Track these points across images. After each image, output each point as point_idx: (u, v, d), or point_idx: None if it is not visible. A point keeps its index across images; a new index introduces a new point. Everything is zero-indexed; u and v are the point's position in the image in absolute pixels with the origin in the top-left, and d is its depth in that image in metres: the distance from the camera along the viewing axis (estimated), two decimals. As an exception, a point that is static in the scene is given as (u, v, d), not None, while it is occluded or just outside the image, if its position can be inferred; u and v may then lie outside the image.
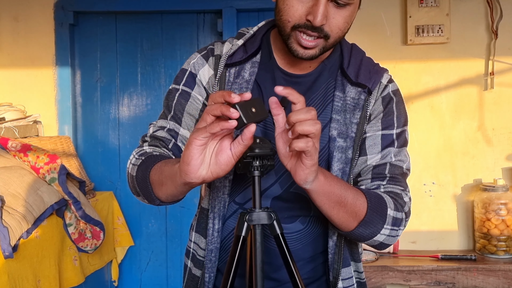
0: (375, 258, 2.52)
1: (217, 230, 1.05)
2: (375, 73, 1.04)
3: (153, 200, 0.99)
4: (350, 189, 0.95)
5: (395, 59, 2.73)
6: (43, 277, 1.95)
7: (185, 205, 2.96)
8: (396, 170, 1.02)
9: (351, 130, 1.01)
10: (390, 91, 1.05)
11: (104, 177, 2.96)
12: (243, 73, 1.04)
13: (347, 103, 1.02)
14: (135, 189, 1.02)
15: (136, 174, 1.00)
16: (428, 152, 2.73)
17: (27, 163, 2.09)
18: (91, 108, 2.97)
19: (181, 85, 1.07)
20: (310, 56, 0.96)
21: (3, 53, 2.87)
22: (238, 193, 1.07)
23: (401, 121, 1.05)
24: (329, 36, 0.94)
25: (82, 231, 2.20)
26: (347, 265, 1.06)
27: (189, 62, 1.09)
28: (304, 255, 1.07)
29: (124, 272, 2.96)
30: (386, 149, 1.02)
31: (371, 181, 1.02)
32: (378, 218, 0.96)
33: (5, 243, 1.67)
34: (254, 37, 1.08)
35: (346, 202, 0.93)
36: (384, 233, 0.97)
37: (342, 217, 0.95)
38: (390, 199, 0.98)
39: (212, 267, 1.06)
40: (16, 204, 1.83)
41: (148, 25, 2.94)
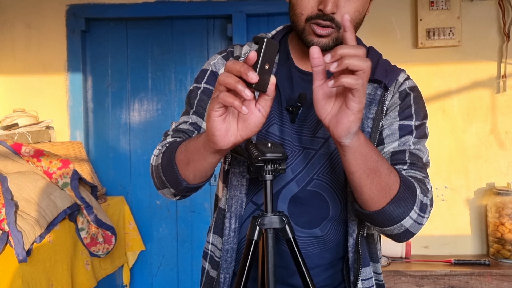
0: (387, 263, 2.50)
1: (233, 230, 1.05)
2: (392, 72, 1.05)
3: (180, 183, 0.96)
4: (385, 160, 0.90)
5: (406, 62, 2.72)
6: (56, 281, 1.96)
7: (195, 209, 2.96)
8: (416, 158, 0.99)
9: (367, 125, 1.01)
10: (406, 87, 1.05)
11: (115, 182, 2.98)
12: None
13: None
14: (160, 179, 1.00)
15: (161, 161, 0.99)
16: (440, 156, 2.71)
17: (40, 168, 2.11)
18: (102, 114, 3.00)
19: (203, 83, 1.10)
20: (324, 44, 0.97)
21: (16, 59, 2.91)
22: (255, 192, 1.07)
23: (421, 115, 1.03)
24: (340, 27, 0.95)
25: (94, 235, 2.21)
26: (366, 265, 1.05)
27: (210, 63, 1.12)
28: (322, 261, 1.06)
29: (135, 276, 2.97)
30: (404, 137, 1.00)
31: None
32: (410, 196, 0.90)
33: (19, 247, 1.69)
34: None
35: (382, 171, 0.88)
36: (412, 217, 0.92)
37: (375, 189, 0.89)
38: (415, 183, 0.94)
39: (227, 267, 1.06)
40: (30, 208, 1.85)
41: (158, 30, 2.96)
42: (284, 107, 1.05)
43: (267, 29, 2.91)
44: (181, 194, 1.02)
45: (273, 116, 1.06)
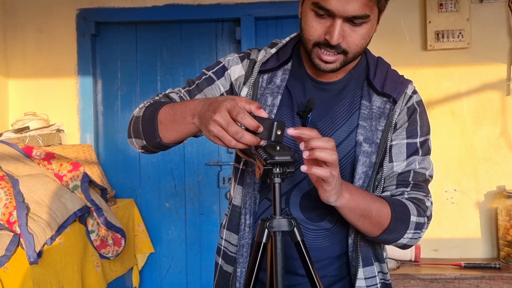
0: (397, 266, 2.49)
1: (248, 226, 1.11)
2: (400, 84, 1.10)
3: (155, 138, 1.03)
4: (375, 202, 1.02)
5: (415, 64, 2.71)
6: (66, 283, 1.97)
7: (204, 212, 2.97)
8: (419, 177, 1.08)
9: (376, 137, 1.07)
10: (414, 102, 1.10)
11: (124, 185, 3.00)
12: (275, 79, 1.12)
13: (373, 111, 1.08)
14: (137, 129, 1.07)
15: (142, 114, 1.06)
16: (449, 158, 2.69)
17: (51, 171, 2.13)
18: (112, 117, 3.02)
19: (210, 72, 1.17)
20: (331, 69, 1.04)
21: (27, 63, 2.94)
22: (269, 189, 1.11)
23: (424, 131, 1.11)
24: (348, 52, 1.01)
25: (104, 237, 2.23)
26: (369, 264, 1.10)
27: (225, 58, 1.19)
28: (331, 253, 1.11)
29: (145, 278, 2.99)
30: (411, 157, 1.08)
31: (395, 188, 1.08)
32: (401, 225, 1.02)
33: (30, 249, 1.70)
34: (286, 46, 1.15)
35: (371, 214, 1.00)
36: (407, 237, 1.04)
37: (367, 227, 1.02)
38: (413, 206, 1.04)
39: (243, 262, 1.11)
40: (41, 211, 1.87)
41: (167, 34, 2.98)
42: (295, 112, 1.10)
43: (275, 32, 2.92)
44: (150, 149, 1.09)
45: (284, 120, 1.10)
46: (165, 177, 3.00)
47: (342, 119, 1.09)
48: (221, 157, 2.97)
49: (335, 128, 1.09)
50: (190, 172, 2.98)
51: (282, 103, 1.10)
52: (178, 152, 2.99)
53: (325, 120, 1.09)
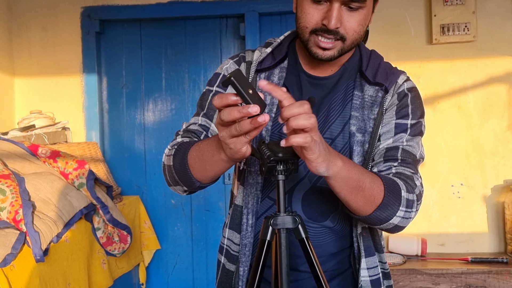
0: (403, 261, 2.48)
1: (250, 225, 1.10)
2: (392, 74, 1.10)
3: (194, 183, 1.02)
4: (368, 174, 0.97)
5: (420, 58, 2.69)
6: (73, 281, 1.99)
7: (210, 208, 2.98)
8: (407, 155, 1.05)
9: (369, 125, 1.07)
10: (405, 88, 1.10)
11: (130, 182, 3.01)
12: (273, 78, 1.12)
13: (365, 101, 1.08)
14: (173, 178, 1.06)
15: (173, 163, 1.04)
16: (455, 152, 2.67)
17: (57, 169, 2.14)
18: (117, 114, 3.03)
19: (215, 87, 1.16)
20: (329, 57, 1.02)
21: (32, 61, 2.95)
22: (271, 188, 1.12)
23: (417, 114, 1.09)
24: (346, 38, 1.01)
25: (110, 235, 2.24)
26: (371, 255, 1.11)
27: (222, 67, 1.17)
28: (332, 250, 1.12)
29: (151, 275, 3.00)
30: (398, 134, 1.07)
31: (383, 163, 1.05)
32: (394, 200, 0.98)
33: (36, 247, 1.71)
34: (281, 45, 1.15)
35: (364, 186, 0.95)
36: (399, 215, 0.99)
37: (361, 202, 0.96)
38: (401, 182, 1.01)
39: (246, 261, 1.11)
40: (47, 209, 1.88)
41: (171, 31, 2.98)
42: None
43: (280, 28, 2.91)
44: (193, 191, 1.08)
45: None
46: (171, 174, 3.00)
47: (336, 112, 1.09)
48: (226, 154, 2.96)
49: (330, 123, 1.09)
50: (195, 168, 2.98)
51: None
52: (183, 149, 2.99)
53: (320, 116, 1.09)
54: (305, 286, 1.12)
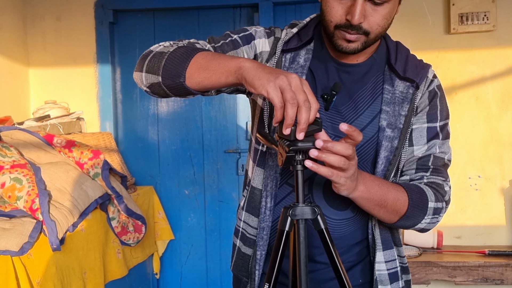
0: (419, 253, 2.45)
1: (269, 209, 1.10)
2: (422, 69, 1.10)
3: (178, 77, 0.96)
4: (391, 191, 1.02)
5: (438, 48, 2.64)
6: (88, 269, 2.00)
7: (223, 199, 2.98)
8: (438, 161, 1.09)
9: (399, 122, 1.07)
10: (435, 86, 1.11)
11: (144, 172, 3.02)
12: (298, 59, 1.10)
13: (396, 96, 1.08)
14: (155, 64, 0.99)
15: (173, 50, 0.99)
16: (473, 144, 2.63)
17: (72, 158, 2.15)
18: (130, 105, 3.03)
19: (236, 36, 1.12)
20: (353, 49, 1.02)
21: (47, 52, 2.96)
22: (291, 174, 1.10)
23: (444, 115, 1.11)
24: (369, 33, 1.00)
25: (125, 224, 2.25)
26: (389, 248, 1.12)
27: (252, 28, 1.14)
28: (350, 241, 1.11)
29: (165, 265, 3.01)
30: (431, 141, 1.09)
31: (415, 172, 1.09)
32: (419, 212, 1.03)
33: (52, 236, 1.72)
34: (307, 27, 1.13)
35: (386, 204, 1.01)
36: (425, 222, 1.06)
37: (383, 215, 1.04)
38: (431, 192, 1.05)
39: (263, 245, 1.11)
40: (63, 198, 1.89)
41: (185, 21, 2.96)
42: (319, 94, 1.08)
43: (294, 18, 2.87)
44: (159, 89, 1.01)
45: None
46: (184, 165, 3.00)
47: (365, 104, 1.08)
48: (240, 145, 2.96)
49: (358, 113, 1.07)
50: (209, 159, 2.98)
51: None
52: (197, 140, 2.99)
53: (348, 104, 1.08)
54: (321, 277, 1.11)
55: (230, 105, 2.97)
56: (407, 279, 1.16)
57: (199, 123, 2.99)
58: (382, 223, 1.10)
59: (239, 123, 2.96)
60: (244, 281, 1.16)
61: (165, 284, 3.03)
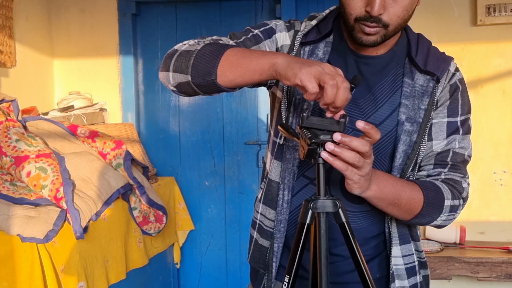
0: (440, 248, 2.42)
1: (286, 201, 1.10)
2: (443, 62, 1.08)
3: (210, 75, 0.95)
4: (406, 190, 1.01)
5: (464, 41, 2.59)
6: (111, 258, 2.04)
7: (243, 191, 2.99)
8: (458, 157, 1.07)
9: (419, 116, 1.05)
10: (457, 80, 1.08)
11: (165, 163, 3.05)
12: (317, 52, 1.09)
13: (416, 90, 1.06)
14: (184, 63, 0.98)
15: (201, 48, 0.98)
16: (499, 139, 2.58)
17: (95, 148, 2.18)
18: (152, 96, 3.05)
19: (257, 30, 1.11)
20: (372, 42, 1.01)
21: (71, 43, 3.00)
22: (308, 166, 1.10)
23: (465, 109, 1.09)
24: (388, 25, 0.98)
25: (146, 214, 2.28)
26: (407, 242, 1.11)
27: (272, 22, 1.14)
28: (367, 234, 1.11)
29: (185, 255, 3.05)
30: (451, 136, 1.07)
31: (433, 167, 1.07)
32: (434, 210, 1.03)
33: (76, 224, 1.76)
34: (326, 19, 1.12)
35: (400, 203, 1.01)
36: (440, 219, 1.05)
37: (397, 213, 1.03)
38: (448, 189, 1.04)
39: (281, 237, 1.11)
40: (86, 188, 1.92)
41: (207, 13, 2.96)
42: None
43: (317, 9, 2.84)
44: (188, 88, 1.00)
45: None
46: (205, 156, 3.02)
47: (384, 97, 1.06)
48: (260, 136, 2.96)
49: (377, 107, 1.06)
50: (229, 151, 2.99)
51: None
52: (217, 131, 3.00)
53: (367, 98, 1.06)
54: (338, 269, 1.10)
55: (251, 97, 2.97)
56: (425, 274, 1.15)
57: (220, 115, 2.99)
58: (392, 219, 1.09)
59: (259, 115, 2.96)
60: (261, 272, 1.17)
61: (185, 274, 3.07)
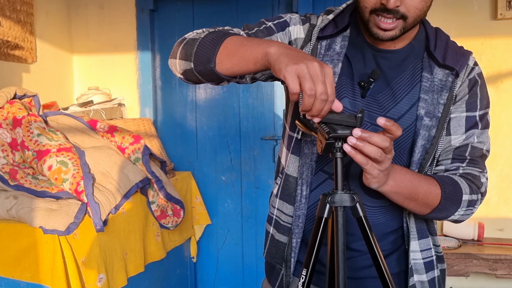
0: (458, 245, 2.41)
1: (304, 197, 1.10)
2: (462, 56, 1.07)
3: (209, 62, 0.96)
4: (423, 185, 1.00)
5: (483, 35, 2.55)
6: (129, 251, 2.07)
7: (259, 186, 3.00)
8: (476, 152, 1.07)
9: (438, 110, 1.04)
10: (476, 74, 1.08)
11: (182, 158, 3.07)
12: (334, 46, 1.08)
13: (435, 84, 1.05)
14: (188, 50, 1.00)
15: (204, 36, 0.99)
16: (518, 134, 2.54)
17: (114, 143, 2.21)
18: (170, 91, 3.08)
19: (270, 23, 1.11)
20: (390, 37, 0.99)
21: (90, 39, 3.04)
22: (326, 161, 1.10)
23: (484, 104, 1.08)
24: (407, 17, 0.96)
25: (164, 208, 2.30)
26: (425, 237, 1.11)
27: (287, 15, 1.14)
28: (386, 229, 1.11)
29: (202, 249, 3.08)
30: (470, 131, 1.06)
31: (451, 162, 1.07)
32: (452, 204, 1.02)
33: (96, 217, 1.79)
34: (343, 13, 1.11)
35: (417, 197, 1.00)
36: (458, 214, 1.05)
37: (414, 208, 1.03)
38: (466, 184, 1.04)
39: (299, 232, 1.11)
40: (106, 181, 1.95)
41: (223, 8, 2.97)
42: (356, 81, 1.07)
43: (334, 4, 2.83)
44: (192, 75, 1.02)
45: (344, 89, 1.07)
46: (221, 151, 3.04)
47: (403, 92, 1.06)
48: (276, 132, 2.96)
49: (396, 101, 1.05)
50: (246, 146, 3.01)
51: (342, 72, 1.07)
52: (234, 127, 3.01)
53: (386, 92, 1.06)
54: (356, 264, 1.11)
55: (267, 92, 2.97)
56: (442, 268, 1.15)
57: (237, 110, 3.01)
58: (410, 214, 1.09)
59: (276, 110, 2.96)
60: (278, 268, 1.17)
61: (201, 267, 3.10)
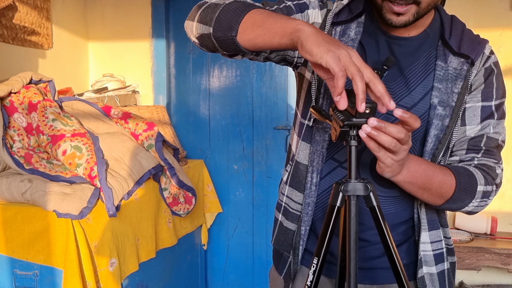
0: (470, 238, 2.39)
1: (315, 184, 1.09)
2: (478, 44, 1.04)
3: (231, 30, 0.92)
4: (437, 175, 0.99)
5: (502, 26, 2.51)
6: (141, 237, 2.09)
7: (271, 175, 3.00)
8: (492, 142, 1.05)
9: (452, 99, 1.02)
10: (492, 63, 1.06)
11: (195, 146, 3.08)
12: (349, 32, 1.07)
13: (449, 73, 1.03)
14: (209, 14, 0.96)
15: (229, 3, 0.95)
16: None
17: (128, 129, 2.22)
18: (183, 79, 3.08)
19: (291, 3, 1.08)
20: (403, 22, 0.97)
21: (105, 26, 3.05)
22: (337, 149, 1.09)
23: (500, 93, 1.06)
24: (420, 1, 0.94)
25: (176, 195, 2.32)
26: (435, 228, 1.10)
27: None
28: (397, 220, 1.10)
29: (212, 237, 3.10)
30: (485, 121, 1.05)
31: (465, 153, 1.05)
32: (466, 195, 1.01)
33: (109, 202, 1.81)
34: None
35: (431, 187, 0.99)
36: (472, 205, 1.03)
37: (427, 198, 1.02)
38: (481, 175, 1.02)
39: (308, 220, 1.11)
40: (119, 167, 1.97)
41: (239, -4, 2.96)
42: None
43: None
44: (209, 41, 0.98)
45: None
46: (234, 140, 3.04)
47: (417, 80, 1.04)
48: (289, 122, 2.95)
49: (409, 90, 1.04)
50: (258, 135, 3.00)
51: None
52: (247, 116, 3.01)
53: (399, 81, 1.04)
54: (365, 255, 1.10)
55: (281, 82, 2.96)
56: (452, 261, 1.14)
57: (250, 99, 3.00)
58: (421, 204, 1.08)
59: (289, 100, 2.95)
60: (286, 255, 1.16)
61: (212, 255, 3.12)
